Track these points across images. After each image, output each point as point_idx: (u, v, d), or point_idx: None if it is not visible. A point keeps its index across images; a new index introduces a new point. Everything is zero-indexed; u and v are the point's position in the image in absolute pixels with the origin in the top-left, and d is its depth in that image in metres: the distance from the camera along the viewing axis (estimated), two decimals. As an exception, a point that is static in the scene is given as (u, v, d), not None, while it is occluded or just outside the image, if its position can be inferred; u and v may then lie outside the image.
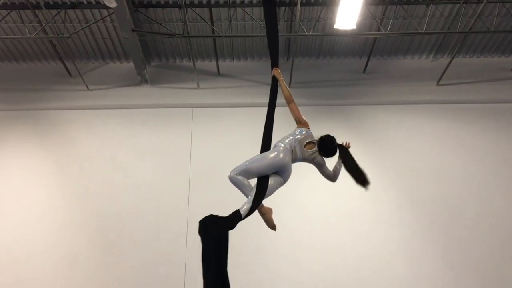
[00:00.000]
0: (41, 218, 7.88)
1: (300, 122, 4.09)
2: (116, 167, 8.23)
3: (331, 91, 8.68)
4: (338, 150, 4.03)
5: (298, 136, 3.96)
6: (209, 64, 8.93)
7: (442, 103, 8.62)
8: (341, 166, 4.03)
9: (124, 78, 8.79)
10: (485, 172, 8.09)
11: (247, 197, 3.69)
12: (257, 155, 3.85)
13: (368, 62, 8.70)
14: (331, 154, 4.02)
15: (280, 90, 4.18)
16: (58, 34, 7.94)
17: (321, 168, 4.05)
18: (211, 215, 3.49)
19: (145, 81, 8.66)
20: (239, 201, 8.00)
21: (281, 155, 3.78)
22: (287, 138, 3.95)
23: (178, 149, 8.35)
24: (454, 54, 8.21)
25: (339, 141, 4.08)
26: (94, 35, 8.31)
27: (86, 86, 8.69)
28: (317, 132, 4.11)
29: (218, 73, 8.82)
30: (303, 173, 7.76)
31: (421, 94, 8.66)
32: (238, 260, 7.46)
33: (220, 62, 8.76)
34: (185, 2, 7.47)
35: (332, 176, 4.07)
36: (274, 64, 4.32)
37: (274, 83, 4.25)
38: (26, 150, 8.34)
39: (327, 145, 4.00)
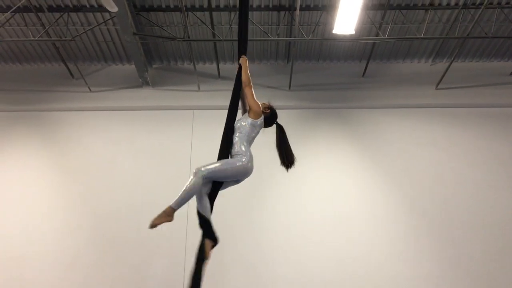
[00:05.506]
0: (42, 217, 7.99)
1: (251, 109, 4.01)
2: (117, 168, 8.34)
3: (331, 94, 8.75)
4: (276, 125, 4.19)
5: (256, 131, 4.06)
6: (210, 67, 9.02)
7: (441, 107, 8.68)
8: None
9: (126, 80, 8.90)
10: (481, 176, 8.14)
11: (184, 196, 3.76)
12: (228, 161, 3.89)
13: (367, 66, 8.76)
14: (270, 125, 4.19)
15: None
16: (61, 37, 8.07)
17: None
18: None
19: (147, 83, 8.75)
20: (238, 200, 8.08)
21: (249, 165, 3.87)
22: (246, 139, 3.99)
23: (179, 150, 8.43)
24: (452, 58, 8.26)
25: (340, 143, 4.06)
26: (96, 37, 8.41)
27: (88, 87, 8.80)
28: (318, 135, 4.12)
29: (219, 76, 8.91)
30: (302, 175, 7.95)
31: (419, 98, 8.72)
32: (240, 260, 7.61)
33: (220, 65, 8.84)
34: (186, 6, 7.56)
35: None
36: (242, 53, 4.27)
37: (239, 71, 4.21)
38: (28, 151, 8.46)
39: (273, 119, 4.19)
